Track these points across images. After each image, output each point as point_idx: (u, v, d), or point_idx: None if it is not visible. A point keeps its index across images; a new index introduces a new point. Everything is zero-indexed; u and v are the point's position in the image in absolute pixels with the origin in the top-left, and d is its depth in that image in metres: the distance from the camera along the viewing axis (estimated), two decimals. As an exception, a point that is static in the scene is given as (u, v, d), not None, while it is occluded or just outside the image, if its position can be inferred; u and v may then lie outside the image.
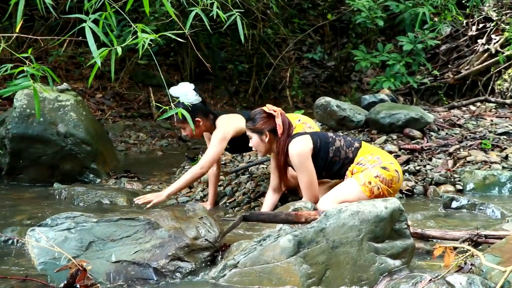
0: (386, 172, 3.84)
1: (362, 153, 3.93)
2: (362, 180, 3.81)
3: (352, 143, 3.99)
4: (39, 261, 2.99)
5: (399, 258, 2.99)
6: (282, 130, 3.95)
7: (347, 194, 3.83)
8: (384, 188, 3.83)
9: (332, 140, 3.98)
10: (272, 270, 2.93)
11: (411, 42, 7.35)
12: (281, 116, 3.99)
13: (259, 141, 4.01)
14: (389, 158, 3.98)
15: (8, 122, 5.71)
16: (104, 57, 2.72)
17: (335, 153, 3.94)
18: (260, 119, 4.00)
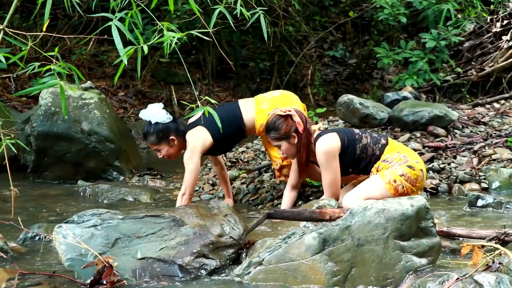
0: (411, 171, 3.80)
1: (389, 150, 3.89)
2: (387, 178, 3.78)
3: (379, 140, 3.95)
4: (66, 257, 3.03)
5: (425, 257, 2.97)
6: (302, 127, 3.91)
7: (371, 191, 3.80)
8: (409, 187, 3.80)
9: (359, 137, 3.93)
10: (297, 268, 2.93)
11: (434, 39, 7.28)
12: (297, 113, 3.96)
13: (289, 146, 3.94)
14: (415, 157, 3.94)
15: (33, 120, 5.79)
16: (130, 55, 2.74)
17: (362, 150, 3.90)
18: (282, 124, 3.92)
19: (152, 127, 4.25)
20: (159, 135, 4.25)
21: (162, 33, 2.90)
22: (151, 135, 4.26)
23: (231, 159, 5.65)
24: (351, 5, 9.74)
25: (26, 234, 3.71)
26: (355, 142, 3.90)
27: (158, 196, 5.14)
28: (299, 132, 3.91)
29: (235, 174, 5.24)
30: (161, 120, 4.25)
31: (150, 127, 4.25)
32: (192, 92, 9.22)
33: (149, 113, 4.28)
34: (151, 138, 4.26)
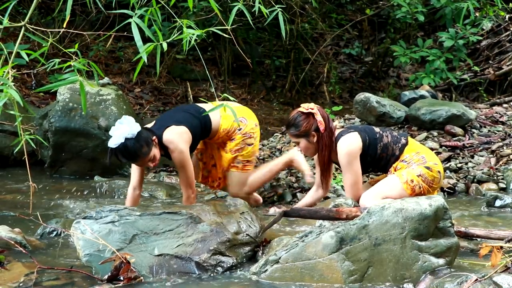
0: (429, 172, 3.77)
1: (408, 150, 3.86)
2: (404, 178, 3.76)
3: (399, 139, 3.90)
4: (84, 253, 3.05)
5: (443, 257, 2.95)
6: (324, 126, 3.85)
7: (389, 191, 3.78)
8: (425, 188, 3.77)
9: (379, 136, 3.88)
10: (314, 266, 2.93)
11: (452, 38, 7.22)
12: (319, 111, 3.89)
13: (307, 144, 3.89)
14: (434, 158, 3.90)
15: (51, 115, 5.82)
16: (149, 52, 2.75)
17: (382, 150, 3.86)
18: (302, 121, 3.86)
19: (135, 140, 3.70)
20: (147, 141, 3.76)
21: (181, 30, 2.91)
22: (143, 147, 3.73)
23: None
24: (368, 2, 9.70)
25: (44, 229, 3.74)
26: (376, 141, 3.86)
27: (174, 192, 5.15)
28: (320, 131, 3.86)
29: (251, 171, 5.23)
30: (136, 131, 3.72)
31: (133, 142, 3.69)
32: (208, 89, 9.23)
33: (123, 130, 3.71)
34: (144, 149, 3.74)
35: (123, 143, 3.68)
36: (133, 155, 3.72)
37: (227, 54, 9.12)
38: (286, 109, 9.18)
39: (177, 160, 3.87)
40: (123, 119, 3.76)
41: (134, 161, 3.81)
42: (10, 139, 6.14)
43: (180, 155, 3.85)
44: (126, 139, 3.68)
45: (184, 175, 3.91)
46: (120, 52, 9.33)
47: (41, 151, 6.01)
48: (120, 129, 3.72)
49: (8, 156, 6.17)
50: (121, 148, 3.69)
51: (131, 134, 3.69)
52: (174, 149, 3.85)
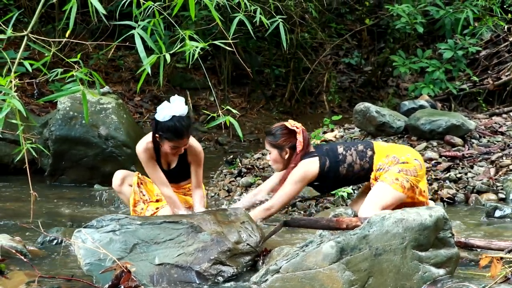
0: (406, 164, 3.84)
1: (378, 158, 3.93)
2: (388, 179, 3.82)
3: (365, 153, 3.96)
4: (85, 262, 3.05)
5: (443, 267, 2.96)
6: (301, 148, 3.95)
7: (383, 197, 3.82)
8: (413, 179, 3.83)
9: (342, 157, 3.96)
10: (314, 276, 2.93)
11: (451, 49, 7.25)
12: (302, 133, 3.99)
13: (278, 157, 4.00)
14: (404, 151, 3.97)
15: (51, 124, 5.84)
16: (153, 63, 2.77)
17: (348, 169, 3.96)
18: (282, 135, 3.98)
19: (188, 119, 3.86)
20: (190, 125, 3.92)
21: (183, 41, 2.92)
22: (190, 127, 3.88)
23: (247, 165, 5.67)
24: (367, 12, 9.75)
25: (45, 238, 3.74)
26: (338, 163, 3.95)
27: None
28: (295, 150, 3.96)
29: (251, 180, 5.25)
30: (186, 110, 3.88)
31: (186, 119, 3.83)
32: (208, 98, 9.25)
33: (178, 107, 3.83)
34: (191, 130, 3.91)
35: (176, 117, 3.79)
36: (182, 131, 3.81)
37: (227, 63, 9.16)
38: (285, 118, 9.19)
39: (199, 159, 4.01)
40: (176, 97, 3.86)
41: (180, 138, 3.83)
42: (10, 147, 6.15)
43: (202, 155, 4.04)
44: (179, 115, 3.80)
45: (201, 173, 4.04)
46: (120, 61, 9.36)
47: (41, 160, 6.01)
48: (172, 106, 3.82)
49: (8, 164, 6.18)
50: (171, 123, 3.78)
51: (182, 112, 3.82)
52: (199, 149, 4.01)
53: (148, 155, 3.98)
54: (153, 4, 2.98)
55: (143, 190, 4.20)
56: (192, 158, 4.02)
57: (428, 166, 5.02)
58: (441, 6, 7.43)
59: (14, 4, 8.66)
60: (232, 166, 5.84)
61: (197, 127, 8.51)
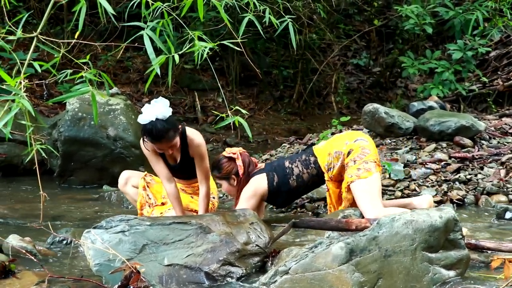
0: (353, 152, 3.92)
1: (322, 160, 4.03)
2: (354, 176, 3.88)
3: (308, 160, 4.08)
4: (95, 262, 3.06)
5: (454, 269, 2.94)
6: (243, 171, 4.11)
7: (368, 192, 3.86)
8: (368, 157, 3.90)
9: (289, 170, 4.10)
10: (324, 278, 2.92)
11: (460, 50, 7.21)
12: (241, 156, 4.13)
13: (229, 186, 4.18)
14: (342, 141, 4.03)
15: (60, 125, 5.86)
16: (161, 64, 2.77)
17: (297, 181, 4.09)
18: (224, 165, 4.15)
19: (165, 122, 3.78)
20: (175, 126, 3.85)
21: (192, 42, 2.92)
22: (170, 130, 3.80)
23: (255, 166, 5.65)
24: (376, 13, 9.73)
25: (54, 238, 3.75)
26: (286, 177, 4.10)
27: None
28: (239, 175, 4.11)
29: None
30: (169, 112, 3.83)
31: (163, 123, 3.76)
32: (216, 99, 9.26)
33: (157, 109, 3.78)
34: (171, 133, 3.81)
35: (153, 122, 3.77)
36: (160, 135, 3.79)
37: (235, 64, 9.16)
38: (293, 119, 9.20)
39: (200, 151, 3.98)
40: (159, 99, 3.84)
41: (158, 141, 3.83)
42: (19, 148, 6.18)
43: (203, 148, 3.99)
44: (156, 118, 3.77)
45: (205, 166, 4.01)
46: (128, 62, 9.38)
47: (50, 161, 6.04)
48: (153, 108, 3.80)
49: (18, 165, 6.21)
50: (149, 126, 3.79)
51: (162, 115, 3.78)
52: (197, 141, 3.98)
53: (150, 149, 4.00)
54: (162, 5, 2.99)
55: (149, 193, 4.20)
56: (192, 151, 4.02)
57: (437, 167, 5.00)
58: (450, 7, 7.39)
59: (23, 6, 8.69)
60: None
61: (205, 128, 8.51)
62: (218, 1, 3.19)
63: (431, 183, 4.83)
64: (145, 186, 4.20)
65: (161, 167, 4.03)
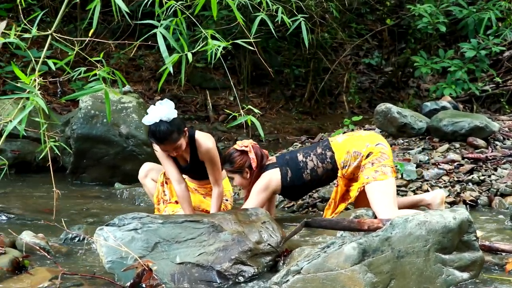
0: (373, 155, 3.90)
1: (339, 157, 3.99)
2: (371, 177, 3.87)
3: (324, 155, 4.03)
4: (107, 259, 3.06)
5: (467, 271, 2.92)
6: (256, 164, 4.05)
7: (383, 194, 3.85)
8: (387, 162, 3.90)
9: (303, 164, 4.04)
10: (336, 278, 2.91)
11: (474, 49, 7.16)
12: (253, 149, 4.07)
13: (242, 180, 4.11)
14: (363, 142, 3.99)
15: (73, 122, 5.89)
16: (174, 63, 2.77)
17: (311, 174, 4.04)
18: (236, 158, 4.08)
19: (169, 124, 3.81)
20: (179, 129, 3.85)
21: (205, 41, 2.92)
22: (173, 132, 3.82)
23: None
24: (388, 12, 9.68)
25: (67, 235, 3.77)
26: (301, 170, 4.04)
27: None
28: (252, 168, 4.05)
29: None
30: (174, 114, 3.85)
31: (166, 125, 3.80)
32: (227, 98, 9.26)
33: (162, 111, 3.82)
34: (175, 135, 3.83)
35: (157, 123, 3.80)
36: (162, 137, 3.81)
37: (247, 63, 9.15)
38: (305, 118, 9.18)
39: (209, 155, 3.99)
40: (164, 101, 3.85)
41: (161, 142, 3.86)
42: (33, 145, 6.22)
43: (213, 151, 3.99)
44: (161, 120, 3.79)
45: (216, 170, 4.02)
46: (140, 60, 9.41)
47: (63, 158, 6.07)
48: (158, 110, 3.82)
49: (31, 162, 6.24)
50: (152, 128, 3.82)
51: (166, 117, 3.80)
52: (206, 146, 3.98)
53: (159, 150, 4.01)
54: (175, 3, 2.99)
55: (166, 190, 4.21)
56: (201, 155, 4.03)
57: (450, 168, 4.97)
58: (464, 6, 7.35)
59: (37, 4, 8.74)
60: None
61: (216, 127, 8.52)
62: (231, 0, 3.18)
63: (444, 183, 4.81)
64: (163, 182, 4.21)
65: (171, 168, 4.04)
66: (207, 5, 5.35)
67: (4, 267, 3.04)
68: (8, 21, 3.41)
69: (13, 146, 6.18)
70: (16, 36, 2.98)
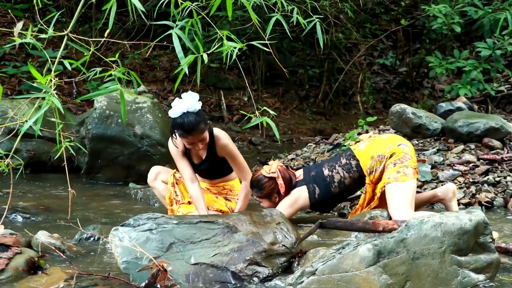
0: (396, 155, 3.90)
1: (364, 164, 3.99)
2: (393, 177, 3.85)
3: (350, 165, 4.03)
4: (122, 260, 3.07)
5: (483, 273, 2.90)
6: (284, 189, 4.10)
7: (402, 195, 3.83)
8: (409, 163, 3.88)
9: (330, 178, 4.07)
10: (351, 279, 2.90)
11: (489, 48, 7.11)
12: (281, 173, 4.10)
13: (270, 204, 4.16)
14: (385, 144, 3.99)
15: (88, 122, 5.92)
16: (190, 63, 2.77)
17: (339, 187, 4.06)
18: (265, 185, 4.11)
19: (196, 115, 3.81)
20: (205, 120, 3.89)
21: (221, 42, 2.92)
22: (201, 123, 3.82)
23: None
24: (403, 13, 9.64)
25: (82, 235, 3.79)
26: (328, 185, 4.07)
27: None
28: (280, 193, 4.10)
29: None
30: (199, 106, 3.86)
31: (194, 115, 3.79)
32: (241, 98, 9.27)
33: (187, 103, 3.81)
34: (202, 125, 3.83)
35: (184, 114, 3.78)
36: (191, 127, 3.79)
37: (261, 63, 9.16)
38: (319, 118, 9.17)
39: (229, 150, 4.00)
40: (188, 93, 3.85)
41: (189, 133, 3.82)
42: (48, 145, 6.26)
43: (230, 147, 3.99)
44: (187, 111, 3.78)
45: (239, 163, 4.03)
46: (155, 61, 9.44)
47: (77, 158, 6.10)
48: (183, 102, 3.81)
49: (46, 162, 6.28)
50: (180, 120, 3.80)
51: (193, 108, 3.80)
52: (223, 141, 3.99)
53: (179, 146, 4.02)
54: (191, 4, 2.99)
55: (177, 190, 4.22)
56: (219, 151, 4.03)
57: (465, 169, 4.93)
58: (479, 6, 7.29)
59: (53, 4, 8.80)
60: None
61: (230, 127, 8.53)
62: (246, 0, 3.18)
63: (459, 185, 4.78)
64: (174, 183, 4.22)
65: (185, 166, 4.05)
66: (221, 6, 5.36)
67: (19, 267, 3.06)
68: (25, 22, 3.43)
69: (28, 146, 6.23)
70: (33, 37, 3.01)
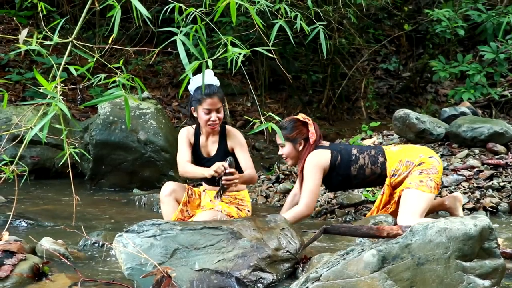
0: (424, 165, 3.88)
1: (391, 165, 3.96)
2: (413, 184, 3.84)
3: (377, 159, 4.01)
4: (126, 266, 3.07)
5: (489, 279, 2.88)
6: (315, 138, 4.02)
7: (415, 203, 3.82)
8: (434, 177, 3.86)
9: (355, 158, 4.02)
10: (356, 285, 2.89)
11: (493, 52, 7.11)
12: (314, 125, 4.07)
13: (292, 150, 4.07)
14: (417, 153, 3.97)
15: (92, 128, 5.93)
16: (195, 69, 2.78)
17: (358, 171, 4.02)
18: (295, 128, 4.04)
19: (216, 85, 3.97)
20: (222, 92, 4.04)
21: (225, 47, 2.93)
22: (221, 92, 3.97)
23: (284, 171, 5.65)
24: (406, 18, 9.64)
25: (86, 241, 3.79)
26: (350, 162, 4.01)
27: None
28: (308, 141, 4.00)
29: (289, 187, 5.23)
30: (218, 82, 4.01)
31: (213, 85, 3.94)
32: (244, 103, 9.27)
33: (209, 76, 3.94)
34: (222, 94, 3.97)
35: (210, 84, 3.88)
36: (213, 89, 3.88)
37: (264, 68, 9.16)
38: (322, 124, 9.17)
39: (239, 141, 4.02)
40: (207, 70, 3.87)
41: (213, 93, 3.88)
42: (52, 151, 6.27)
43: (241, 138, 4.03)
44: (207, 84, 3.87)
45: (248, 156, 4.02)
46: (158, 67, 9.46)
47: (81, 164, 6.11)
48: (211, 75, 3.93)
49: (50, 168, 6.29)
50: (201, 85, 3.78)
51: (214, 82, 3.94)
52: (235, 132, 4.05)
53: (186, 137, 4.08)
54: (195, 10, 3.00)
55: (188, 209, 4.17)
56: (232, 142, 4.02)
57: (469, 174, 4.93)
58: (482, 10, 7.29)
59: (57, 11, 8.84)
60: (270, 172, 5.83)
61: (234, 133, 8.51)
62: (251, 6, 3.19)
63: (463, 190, 4.77)
64: (186, 202, 4.16)
65: (186, 150, 4.07)
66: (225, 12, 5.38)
67: (24, 274, 3.06)
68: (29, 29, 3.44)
69: (32, 152, 6.24)
70: (38, 43, 3.02)
